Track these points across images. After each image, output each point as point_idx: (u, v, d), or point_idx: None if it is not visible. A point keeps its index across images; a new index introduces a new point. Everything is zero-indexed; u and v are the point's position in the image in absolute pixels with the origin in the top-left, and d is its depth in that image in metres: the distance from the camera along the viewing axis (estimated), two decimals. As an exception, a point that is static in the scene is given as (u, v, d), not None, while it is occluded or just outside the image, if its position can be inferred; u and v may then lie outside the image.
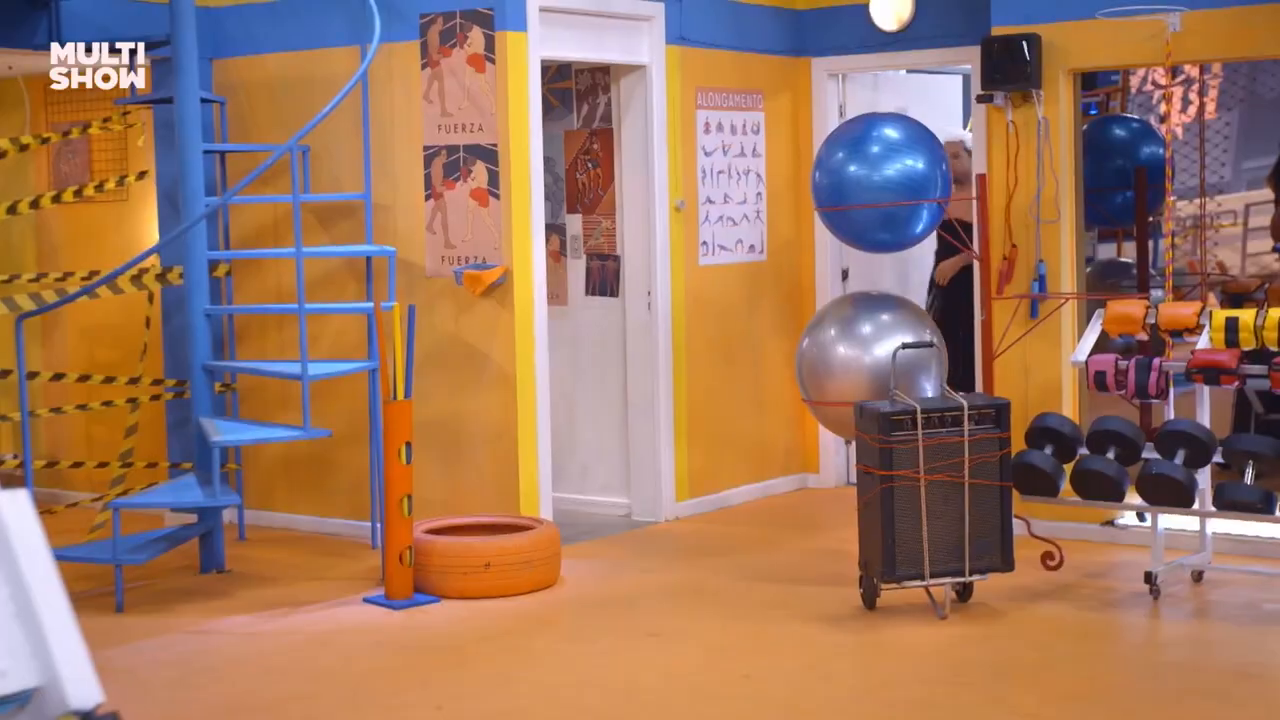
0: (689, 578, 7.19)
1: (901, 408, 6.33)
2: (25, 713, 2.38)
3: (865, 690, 5.56)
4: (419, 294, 7.67)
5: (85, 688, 2.34)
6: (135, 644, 6.27)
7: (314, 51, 8.06)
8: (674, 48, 8.31)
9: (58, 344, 9.34)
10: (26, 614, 2.35)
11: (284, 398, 8.18)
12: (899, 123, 7.40)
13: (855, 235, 7.41)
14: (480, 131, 7.52)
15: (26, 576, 2.38)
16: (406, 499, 6.76)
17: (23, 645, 2.34)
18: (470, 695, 5.55)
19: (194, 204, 7.45)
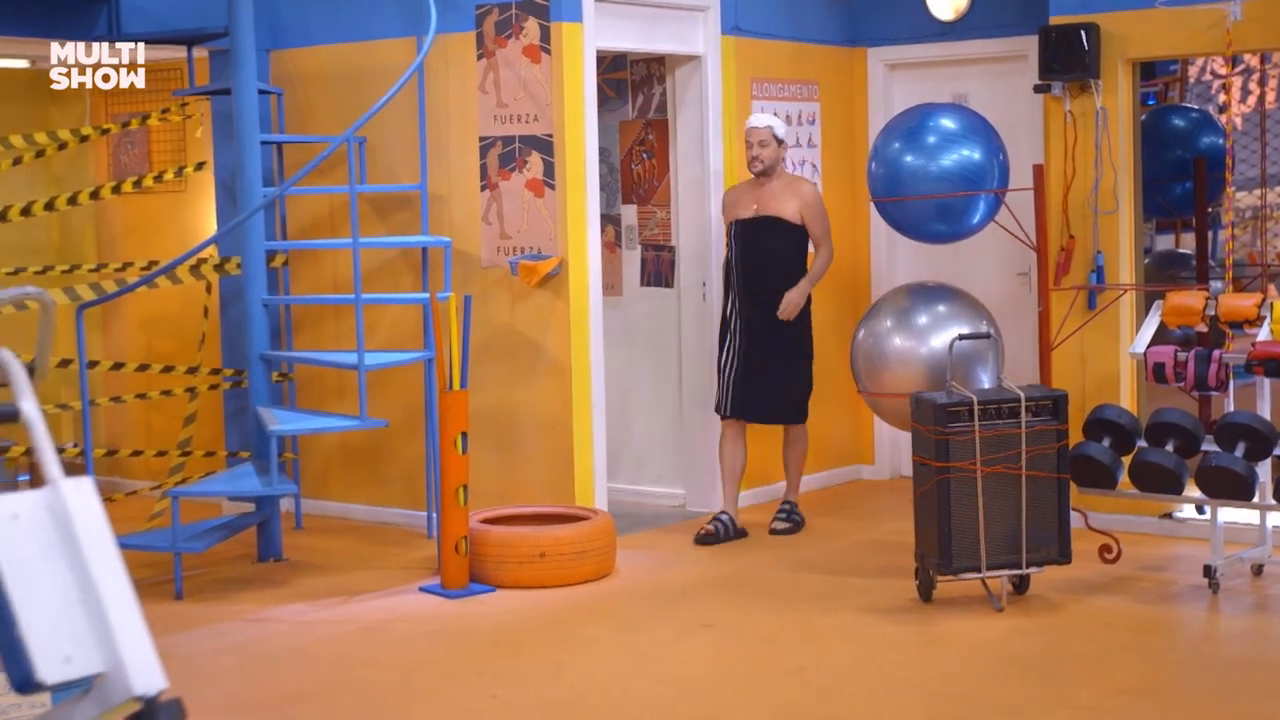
0: (743, 569, 7.19)
1: (958, 399, 6.30)
2: (89, 698, 2.40)
3: (920, 682, 5.54)
4: (474, 284, 7.69)
5: (149, 674, 2.36)
6: (193, 631, 6.32)
7: (370, 43, 8.09)
8: (729, 38, 8.29)
9: (117, 333, 9.42)
10: (91, 600, 2.38)
11: (340, 387, 8.22)
12: (956, 113, 7.36)
13: (911, 226, 7.38)
14: (535, 122, 7.53)
15: (91, 563, 2.40)
16: (462, 489, 6.78)
17: (88, 631, 2.36)
18: (524, 684, 5.57)
19: (252, 195, 7.50)
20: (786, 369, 7.71)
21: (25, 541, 2.39)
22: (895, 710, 5.25)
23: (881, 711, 5.24)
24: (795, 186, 7.76)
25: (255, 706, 5.40)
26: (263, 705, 5.42)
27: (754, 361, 7.65)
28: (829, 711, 5.23)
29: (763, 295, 7.65)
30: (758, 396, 7.69)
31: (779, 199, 7.67)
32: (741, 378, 7.66)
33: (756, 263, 7.67)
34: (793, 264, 7.70)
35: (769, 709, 5.27)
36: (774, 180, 7.71)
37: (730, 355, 7.73)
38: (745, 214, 7.71)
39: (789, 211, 7.66)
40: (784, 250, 7.67)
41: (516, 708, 5.33)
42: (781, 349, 7.68)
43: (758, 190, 7.73)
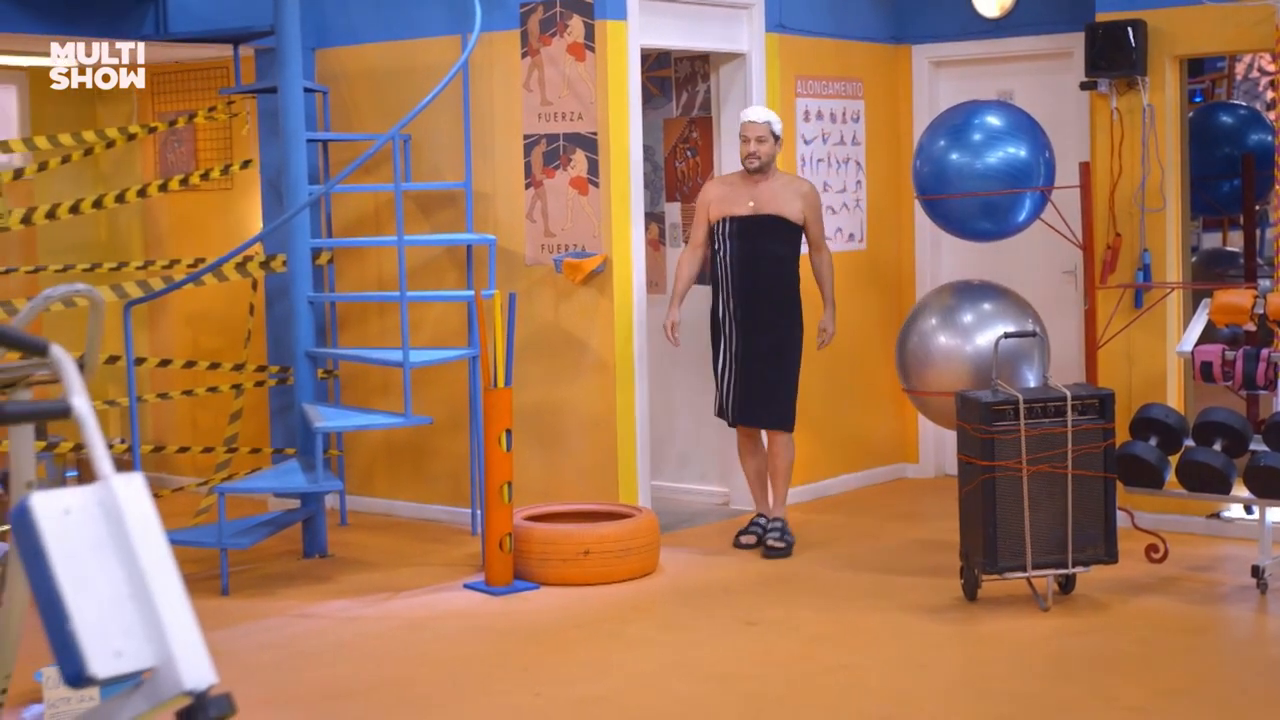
0: (787, 567, 7.17)
1: (1004, 397, 6.27)
2: (140, 693, 2.41)
3: (965, 681, 5.53)
4: (519, 282, 7.70)
5: (199, 669, 2.36)
6: (239, 627, 6.36)
7: (415, 41, 8.11)
8: (773, 35, 8.28)
9: (164, 330, 9.48)
10: (142, 595, 2.39)
11: (385, 384, 8.25)
12: (1001, 110, 7.33)
13: (956, 224, 7.35)
14: (580, 120, 7.54)
15: (142, 558, 2.41)
16: (506, 486, 6.80)
17: (139, 626, 2.37)
18: (568, 681, 5.58)
19: (297, 192, 7.54)
20: (777, 373, 7.43)
21: (77, 536, 2.40)
22: (940, 710, 5.23)
23: (926, 711, 5.22)
24: (796, 185, 7.49)
25: (299, 702, 5.43)
26: (307, 701, 5.44)
27: (752, 364, 7.41)
28: (873, 711, 5.22)
29: (758, 296, 7.39)
30: (756, 401, 7.44)
31: (780, 198, 7.38)
32: (741, 382, 7.43)
33: (753, 262, 7.38)
34: (788, 264, 7.46)
35: (813, 708, 5.27)
36: (770, 178, 7.42)
37: (726, 359, 7.47)
38: (740, 211, 7.39)
39: (792, 211, 7.37)
40: (781, 250, 7.41)
41: (560, 705, 5.33)
42: (774, 353, 7.42)
43: (753, 187, 7.40)
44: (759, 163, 7.36)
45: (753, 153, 7.35)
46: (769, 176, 7.42)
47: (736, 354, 7.43)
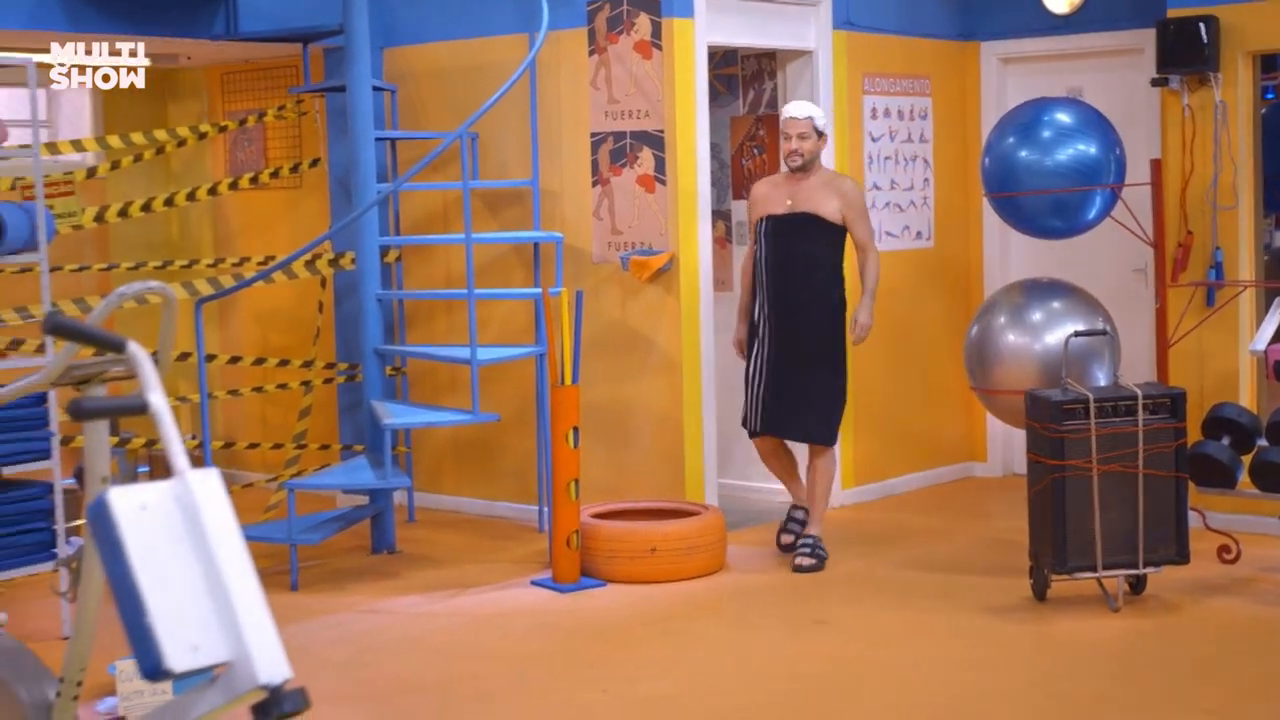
0: (854, 566, 7.15)
1: (1074, 396, 6.23)
2: (216, 687, 2.44)
3: (1034, 682, 5.49)
4: (585, 280, 7.71)
5: (274, 663, 2.39)
6: (309, 622, 6.40)
7: (483, 40, 8.14)
8: (841, 33, 8.25)
9: (234, 328, 9.56)
10: (218, 590, 2.41)
11: (453, 382, 8.29)
12: (1071, 107, 7.27)
13: (1025, 222, 7.30)
14: (647, 118, 7.54)
15: (218, 553, 2.44)
16: (574, 483, 6.81)
17: (214, 620, 2.39)
18: (635, 679, 5.58)
19: (366, 191, 7.58)
20: (818, 383, 7.11)
21: (154, 531, 2.43)
22: (1009, 711, 5.20)
23: (995, 712, 5.19)
24: (837, 183, 7.16)
25: (369, 697, 5.46)
26: (376, 696, 5.47)
27: (785, 372, 7.09)
28: (942, 711, 5.19)
29: (794, 300, 7.09)
30: (789, 412, 7.11)
31: (817, 195, 7.07)
32: (771, 391, 7.11)
33: (788, 264, 7.09)
34: (828, 267, 7.13)
35: (881, 707, 5.25)
36: (812, 175, 7.12)
37: (758, 365, 7.16)
38: (778, 210, 7.10)
39: (829, 210, 7.05)
40: (819, 251, 7.09)
41: (627, 702, 5.34)
42: (814, 361, 7.09)
43: (793, 185, 7.12)
44: (801, 160, 7.07)
45: (794, 150, 7.08)
46: (810, 174, 7.13)
47: (768, 359, 7.12)
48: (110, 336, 2.98)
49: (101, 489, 3.42)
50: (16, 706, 3.68)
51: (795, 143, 7.08)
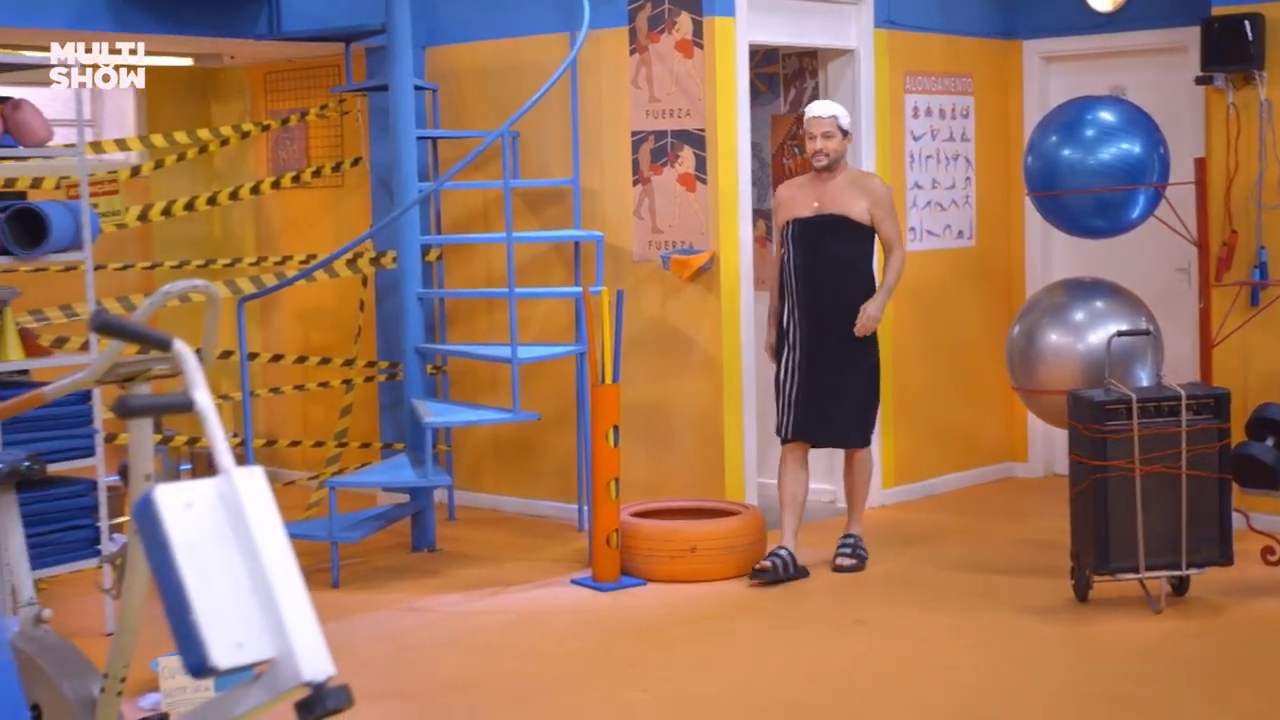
0: (894, 566, 7.13)
1: (1117, 396, 6.20)
2: (260, 684, 2.45)
3: (1075, 684, 5.46)
4: (626, 279, 7.72)
5: (318, 661, 2.39)
6: (350, 620, 6.42)
7: (524, 39, 8.15)
8: (882, 31, 8.23)
9: (276, 326, 9.60)
10: (262, 587, 2.42)
11: (493, 380, 8.30)
12: (1115, 105, 7.23)
13: (1068, 221, 7.26)
14: (688, 117, 7.54)
15: (262, 551, 2.45)
16: (613, 482, 6.81)
17: (259, 617, 2.40)
18: (675, 678, 5.58)
19: (407, 189, 7.60)
20: (851, 386, 6.98)
21: (199, 529, 2.44)
22: (1050, 712, 5.18)
23: (1036, 713, 5.17)
24: (864, 182, 7.03)
25: (409, 695, 5.47)
26: (416, 694, 5.49)
27: (816, 377, 6.93)
28: (982, 712, 5.18)
29: (825, 303, 6.94)
30: (821, 417, 6.96)
31: (844, 196, 6.93)
32: (804, 396, 6.94)
33: (817, 267, 6.93)
34: (858, 268, 6.98)
35: (921, 708, 5.23)
36: (838, 175, 6.98)
37: (789, 370, 6.99)
38: (804, 212, 6.95)
39: (856, 210, 6.92)
40: (848, 253, 6.95)
41: (667, 701, 5.34)
42: (846, 364, 6.95)
43: (819, 186, 6.97)
44: (827, 160, 6.92)
45: (820, 149, 6.92)
46: (836, 174, 6.99)
47: (800, 364, 6.95)
48: (156, 334, 2.99)
49: (146, 486, 3.44)
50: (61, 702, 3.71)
51: (820, 142, 6.93)
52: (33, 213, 5.99)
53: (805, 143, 7.01)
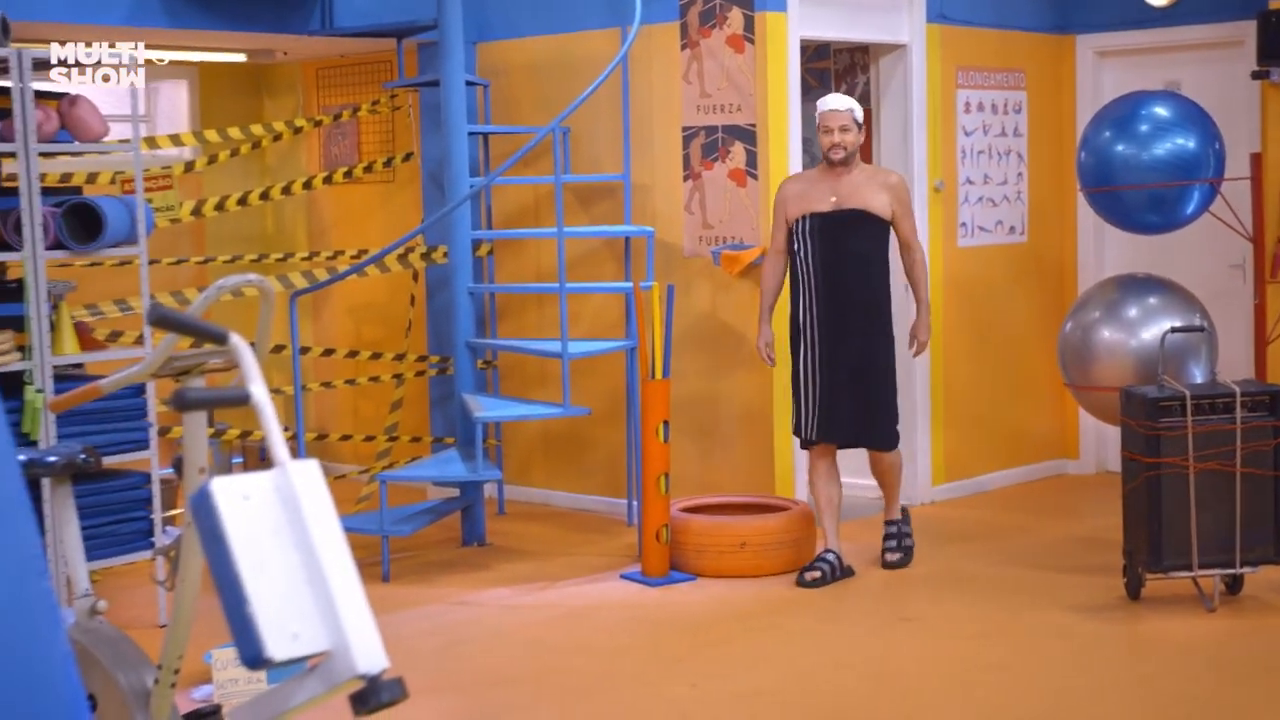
0: (944, 563, 7.11)
1: (1170, 393, 6.16)
2: (314, 676, 2.46)
3: (1128, 683, 5.43)
4: (676, 274, 7.72)
5: (373, 653, 2.40)
6: (400, 613, 6.45)
7: (575, 34, 8.16)
8: (934, 26, 8.20)
9: (327, 321, 9.64)
10: (317, 580, 2.43)
11: (543, 375, 8.32)
12: (1169, 100, 7.18)
13: (1122, 217, 7.22)
14: (739, 112, 7.53)
15: (317, 543, 2.46)
16: (663, 477, 6.82)
17: (314, 610, 2.41)
18: (724, 674, 5.58)
19: (459, 185, 7.62)
20: (878, 389, 6.83)
21: (255, 521, 2.45)
22: (1102, 711, 5.15)
23: (1087, 712, 5.14)
24: (882, 177, 6.90)
25: (459, 688, 5.49)
26: (466, 687, 5.51)
27: (841, 378, 6.78)
28: (1033, 711, 5.15)
29: (847, 301, 6.77)
30: (850, 420, 6.82)
31: (865, 190, 6.77)
32: (829, 397, 6.80)
33: (839, 263, 6.76)
34: (877, 264, 6.83)
35: (971, 706, 5.21)
36: (853, 170, 6.81)
37: (809, 370, 6.83)
38: (822, 207, 6.77)
39: (878, 205, 6.76)
40: (869, 248, 6.79)
41: (716, 697, 5.34)
42: (871, 365, 6.80)
43: (833, 180, 6.80)
44: (844, 154, 6.75)
45: (837, 143, 6.74)
46: (852, 169, 6.82)
47: (820, 364, 6.79)
48: (212, 328, 3.01)
49: (200, 479, 3.46)
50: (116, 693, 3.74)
51: (837, 135, 6.75)
52: (89, 208, 6.04)
53: (820, 137, 6.82)
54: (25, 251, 5.85)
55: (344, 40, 8.54)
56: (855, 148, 6.80)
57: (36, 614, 2.05)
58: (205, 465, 3.50)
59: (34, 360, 5.89)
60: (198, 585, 3.56)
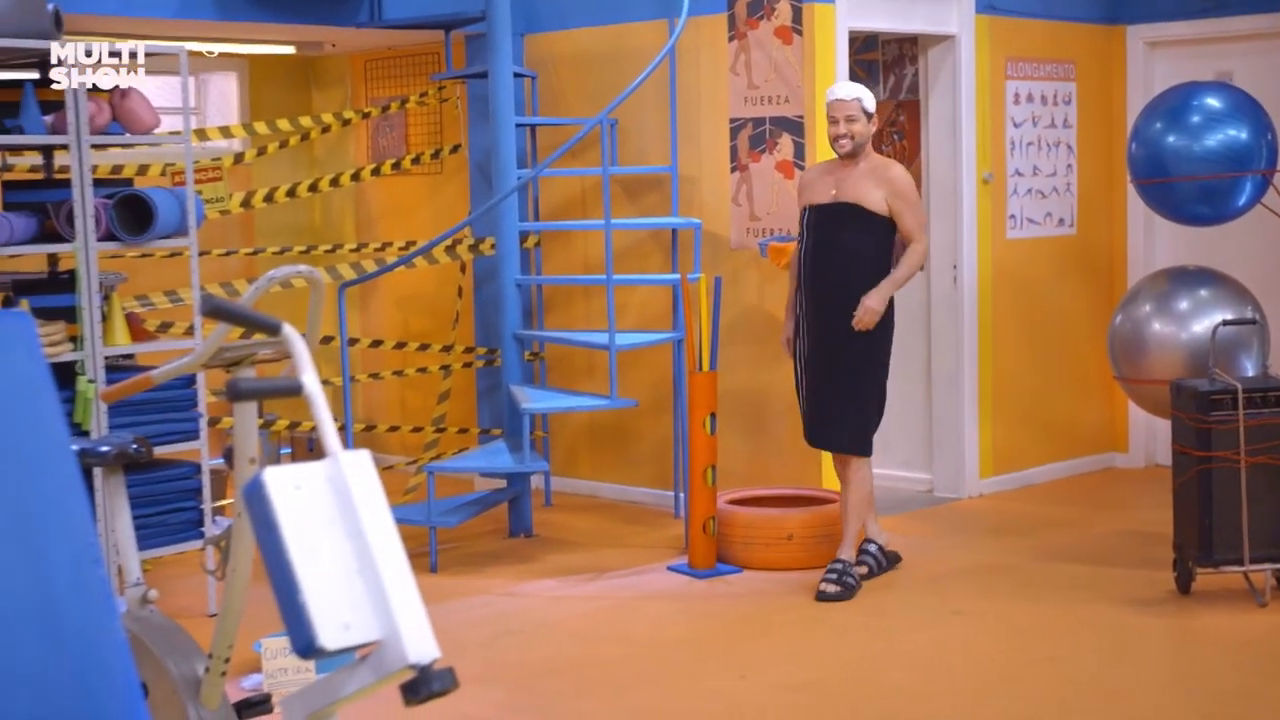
0: (992, 556, 7.08)
1: (1221, 386, 6.11)
2: (365, 665, 2.47)
3: (1177, 678, 5.40)
4: (723, 266, 7.71)
5: (424, 643, 2.41)
6: (447, 604, 6.47)
7: (622, 26, 8.16)
8: (983, 17, 8.16)
9: (375, 312, 9.68)
10: (369, 570, 2.44)
11: (590, 367, 8.32)
12: (1221, 91, 7.13)
13: (1173, 209, 7.17)
14: (786, 104, 7.51)
15: (369, 534, 2.47)
16: (710, 469, 6.81)
17: (365, 600, 2.43)
18: (772, 665, 5.58)
19: (506, 177, 7.63)
20: (852, 387, 6.52)
21: (307, 511, 2.46)
22: (1151, 706, 5.12)
23: (1137, 707, 5.11)
24: (884, 170, 6.53)
25: (506, 679, 5.51)
26: (513, 677, 5.52)
27: (818, 373, 6.55)
28: (1082, 705, 5.13)
29: (832, 296, 6.49)
30: (824, 420, 6.57)
31: (862, 184, 6.48)
32: (811, 395, 6.60)
33: (826, 256, 6.50)
34: (873, 261, 6.48)
35: (1020, 700, 5.19)
36: (860, 162, 6.51)
37: (797, 368, 6.66)
38: (820, 199, 6.53)
39: (872, 199, 6.45)
40: (860, 244, 6.47)
41: (765, 689, 5.33)
42: (849, 363, 6.49)
43: (839, 173, 6.54)
44: (851, 145, 6.45)
45: (843, 134, 6.45)
46: (859, 161, 6.52)
47: (806, 362, 6.59)
48: (265, 319, 3.03)
49: (251, 469, 3.49)
50: (167, 681, 3.76)
51: (844, 126, 6.45)
52: (140, 199, 6.08)
53: (828, 127, 6.56)
54: (77, 243, 5.90)
55: (392, 32, 8.57)
56: (864, 139, 6.50)
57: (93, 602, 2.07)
58: (255, 455, 3.52)
59: (86, 351, 5.94)
60: (248, 575, 3.59)
